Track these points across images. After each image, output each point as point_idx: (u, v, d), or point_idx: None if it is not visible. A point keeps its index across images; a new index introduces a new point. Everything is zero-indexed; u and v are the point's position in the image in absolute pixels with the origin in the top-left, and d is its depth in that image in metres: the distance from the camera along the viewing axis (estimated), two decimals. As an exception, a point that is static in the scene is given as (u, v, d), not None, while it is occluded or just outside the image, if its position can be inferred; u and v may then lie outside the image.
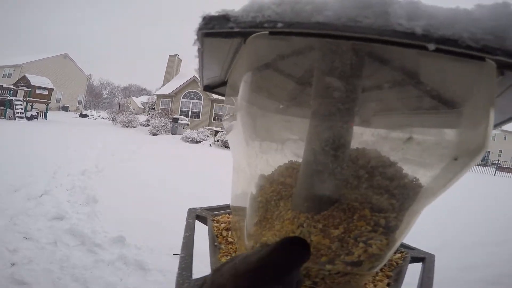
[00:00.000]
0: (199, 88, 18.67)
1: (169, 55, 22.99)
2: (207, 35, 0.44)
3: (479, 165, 24.66)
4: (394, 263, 0.67)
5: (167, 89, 20.14)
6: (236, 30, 0.40)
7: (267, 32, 0.42)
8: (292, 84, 0.58)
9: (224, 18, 0.40)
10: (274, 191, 0.57)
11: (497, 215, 5.57)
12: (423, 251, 0.76)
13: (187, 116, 18.62)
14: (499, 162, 24.29)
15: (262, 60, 0.50)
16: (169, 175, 5.69)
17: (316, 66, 0.51)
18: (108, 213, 3.33)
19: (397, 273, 0.64)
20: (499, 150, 32.14)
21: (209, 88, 0.77)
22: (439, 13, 0.34)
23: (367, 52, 0.46)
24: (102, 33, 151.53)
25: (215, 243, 0.75)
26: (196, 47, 0.50)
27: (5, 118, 14.07)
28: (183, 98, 19.39)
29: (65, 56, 31.25)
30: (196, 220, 0.86)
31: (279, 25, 0.37)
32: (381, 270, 0.62)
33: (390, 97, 0.50)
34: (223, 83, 0.58)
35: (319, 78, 0.50)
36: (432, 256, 0.72)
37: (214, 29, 0.41)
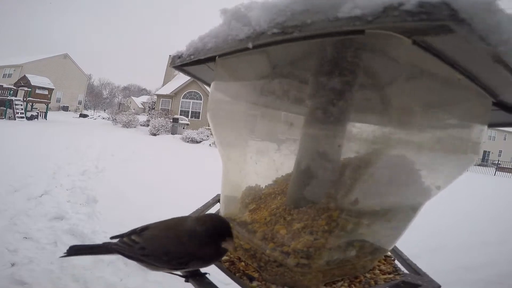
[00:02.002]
0: (199, 88, 18.68)
1: (169, 55, 22.97)
2: (176, 67, 0.66)
3: (479, 165, 24.64)
4: (372, 282, 0.59)
5: (167, 89, 20.14)
6: (178, 64, 0.62)
7: (217, 56, 0.57)
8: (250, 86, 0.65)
9: (176, 56, 0.63)
10: (279, 187, 0.60)
11: (497, 215, 5.57)
12: (429, 278, 0.63)
13: (187, 116, 18.61)
14: (499, 162, 24.28)
15: (226, 71, 0.62)
16: (169, 175, 5.69)
17: (311, 67, 0.52)
18: (108, 213, 3.33)
19: None
20: (499, 150, 32.14)
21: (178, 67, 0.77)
22: None
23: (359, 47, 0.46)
24: (102, 33, 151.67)
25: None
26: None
27: (5, 118, 14.07)
28: (183, 98, 19.38)
29: (65, 56, 31.26)
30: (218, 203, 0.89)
31: (203, 56, 0.55)
32: (348, 284, 0.57)
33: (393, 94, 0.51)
34: (196, 62, 0.60)
35: (312, 79, 0.51)
36: (431, 287, 0.60)
37: (175, 64, 0.64)
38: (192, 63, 0.61)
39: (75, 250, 0.63)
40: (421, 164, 0.53)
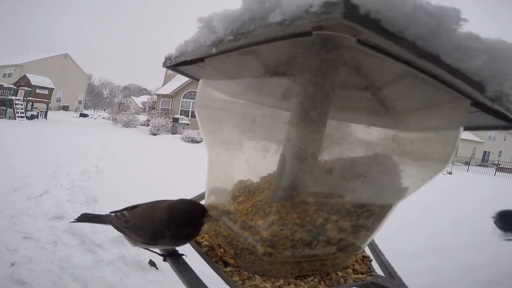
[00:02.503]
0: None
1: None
2: (168, 67, 0.71)
3: (479, 165, 24.64)
4: (342, 281, 0.60)
5: (167, 89, 20.14)
6: (169, 64, 0.68)
7: (205, 58, 0.62)
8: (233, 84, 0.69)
9: (167, 58, 0.67)
10: (267, 182, 0.62)
11: (497, 215, 5.56)
12: (400, 282, 0.65)
13: (187, 116, 18.61)
14: (499, 162, 24.27)
15: (214, 69, 0.65)
16: (169, 175, 5.69)
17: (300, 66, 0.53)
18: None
19: None
20: (499, 151, 32.13)
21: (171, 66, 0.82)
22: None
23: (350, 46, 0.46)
24: (103, 33, 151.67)
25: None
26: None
27: (5, 117, 14.07)
28: (183, 98, 19.38)
29: (65, 55, 31.26)
30: None
31: (185, 58, 0.60)
32: (318, 280, 0.59)
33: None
34: (184, 63, 0.66)
35: (297, 78, 0.52)
36: None
37: (166, 64, 0.69)
38: (180, 64, 0.67)
39: (83, 218, 0.76)
40: (395, 165, 0.54)
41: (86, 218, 0.78)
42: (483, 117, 0.54)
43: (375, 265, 0.71)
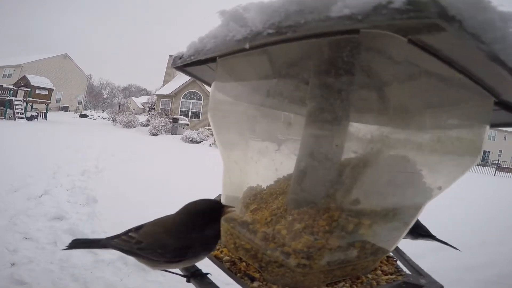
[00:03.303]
0: (199, 88, 18.66)
1: (169, 55, 22.97)
2: (177, 68, 0.67)
3: (479, 165, 24.59)
4: (374, 283, 0.59)
5: (167, 89, 20.13)
6: (179, 64, 0.63)
7: (217, 57, 0.57)
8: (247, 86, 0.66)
9: (178, 57, 0.63)
10: (280, 188, 0.61)
11: (497, 215, 5.56)
12: (431, 279, 0.64)
13: (187, 116, 18.60)
14: (499, 162, 24.26)
15: (227, 72, 0.62)
16: (169, 175, 5.69)
17: (311, 67, 0.52)
18: (108, 213, 3.32)
19: None
20: (499, 150, 32.12)
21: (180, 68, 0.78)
22: None
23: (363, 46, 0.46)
24: (103, 33, 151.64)
25: None
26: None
27: (5, 118, 14.05)
28: (183, 98, 19.37)
29: (65, 56, 31.24)
30: None
31: (195, 58, 0.57)
32: (350, 285, 0.57)
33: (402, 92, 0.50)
34: (197, 62, 0.61)
35: (312, 79, 0.51)
36: (434, 287, 0.60)
37: (176, 65, 0.65)
38: (193, 64, 0.62)
39: (76, 244, 0.64)
40: (421, 164, 0.53)
41: (81, 244, 0.66)
42: (502, 114, 0.56)
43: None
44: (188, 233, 0.54)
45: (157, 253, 0.56)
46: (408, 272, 0.67)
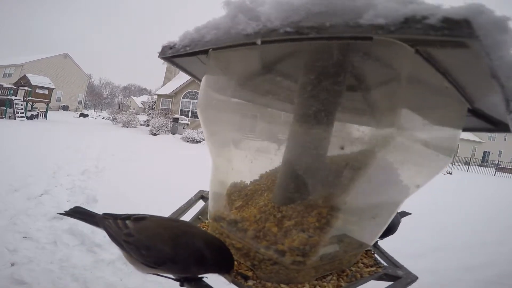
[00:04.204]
0: (199, 88, 18.65)
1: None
2: (165, 59, 0.62)
3: (479, 165, 24.59)
4: (358, 276, 0.62)
5: (167, 89, 20.13)
6: (169, 55, 0.57)
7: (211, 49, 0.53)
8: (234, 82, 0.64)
9: (167, 47, 0.58)
10: (265, 184, 0.61)
11: (497, 215, 5.56)
12: (407, 270, 0.68)
13: (187, 116, 18.60)
14: (499, 162, 24.26)
15: (219, 66, 0.59)
16: (169, 175, 5.69)
17: (301, 66, 0.52)
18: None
19: (353, 285, 0.59)
20: (499, 151, 32.11)
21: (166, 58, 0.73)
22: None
23: (352, 49, 0.47)
24: (102, 33, 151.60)
25: (199, 216, 0.79)
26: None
27: (5, 117, 14.06)
28: (183, 98, 19.37)
29: (65, 56, 31.23)
30: (201, 200, 0.91)
31: (189, 49, 0.52)
32: (337, 278, 0.59)
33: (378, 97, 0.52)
34: (189, 54, 0.58)
35: (303, 78, 0.52)
36: (409, 278, 0.63)
37: (165, 55, 0.59)
38: (184, 55, 0.58)
39: (74, 212, 0.64)
40: (401, 163, 0.55)
41: (78, 213, 0.65)
42: (472, 120, 0.60)
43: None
44: (188, 260, 0.50)
45: (139, 253, 0.53)
46: (385, 264, 0.71)
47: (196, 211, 0.85)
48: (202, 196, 0.92)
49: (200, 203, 0.90)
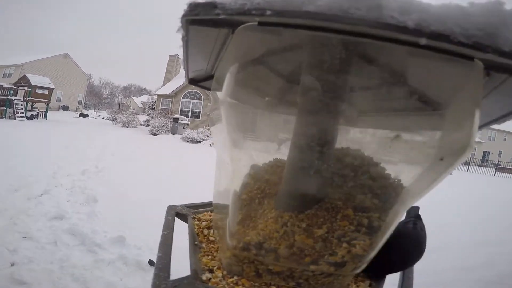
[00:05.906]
0: (199, 88, 18.62)
1: (170, 55, 22.96)
2: (192, 22, 0.41)
3: (479, 165, 24.58)
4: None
5: (167, 89, 20.12)
6: (222, 17, 0.37)
7: (256, 23, 0.40)
8: (280, 81, 0.56)
9: (210, 5, 0.37)
10: (258, 189, 0.56)
11: (497, 215, 5.56)
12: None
13: (187, 116, 18.59)
14: (499, 162, 24.26)
15: (250, 53, 0.48)
16: (170, 175, 5.69)
17: (305, 61, 0.50)
18: (108, 213, 3.32)
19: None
20: (499, 151, 32.10)
21: (194, 81, 0.75)
22: (432, 8, 0.33)
23: (356, 49, 0.46)
24: (102, 33, 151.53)
25: (196, 242, 0.71)
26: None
27: (5, 117, 14.04)
28: (183, 98, 19.37)
29: (65, 56, 31.21)
30: (176, 218, 0.80)
31: (268, 12, 0.35)
32: (363, 270, 0.58)
33: (377, 97, 0.51)
34: (210, 77, 0.56)
35: (307, 73, 0.50)
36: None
37: (199, 16, 0.38)
38: (213, 24, 0.42)
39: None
40: (391, 163, 0.54)
41: None
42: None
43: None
44: None
45: None
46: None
47: (182, 235, 0.74)
48: (177, 213, 0.82)
49: (180, 224, 0.79)
